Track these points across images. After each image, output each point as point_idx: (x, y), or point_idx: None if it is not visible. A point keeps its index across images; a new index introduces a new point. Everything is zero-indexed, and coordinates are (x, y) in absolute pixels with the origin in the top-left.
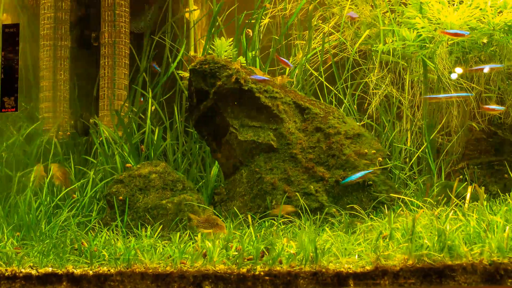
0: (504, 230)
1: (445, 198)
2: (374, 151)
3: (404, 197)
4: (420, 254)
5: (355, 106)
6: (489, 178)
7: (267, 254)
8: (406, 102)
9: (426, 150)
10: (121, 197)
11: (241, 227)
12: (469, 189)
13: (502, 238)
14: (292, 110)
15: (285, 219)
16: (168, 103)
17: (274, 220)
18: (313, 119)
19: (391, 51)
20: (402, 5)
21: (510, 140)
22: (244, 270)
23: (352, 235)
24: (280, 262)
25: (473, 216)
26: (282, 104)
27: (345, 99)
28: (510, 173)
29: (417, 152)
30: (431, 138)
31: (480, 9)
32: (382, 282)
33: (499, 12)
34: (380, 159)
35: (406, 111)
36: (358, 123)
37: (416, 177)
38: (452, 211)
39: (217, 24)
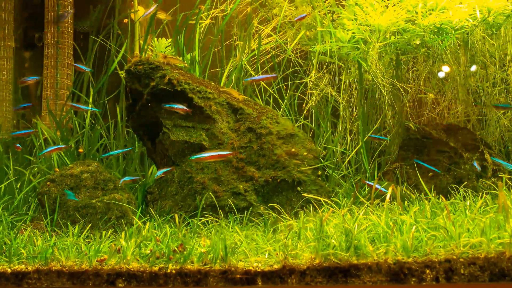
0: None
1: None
2: (305, 151)
3: (318, 197)
4: (327, 253)
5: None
6: (421, 177)
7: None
8: (343, 102)
9: (361, 150)
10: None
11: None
12: (390, 189)
13: (408, 238)
14: (226, 111)
15: (212, 218)
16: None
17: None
18: (245, 119)
19: (328, 52)
20: (340, 7)
21: (444, 141)
22: (156, 268)
23: (265, 234)
24: (192, 262)
25: (382, 216)
26: (215, 104)
27: (284, 100)
28: (441, 172)
29: (354, 152)
30: (365, 138)
31: (408, 10)
32: (290, 281)
33: (429, 14)
34: (310, 156)
35: (343, 112)
36: (292, 124)
37: (351, 176)
38: (368, 210)
39: (161, 25)
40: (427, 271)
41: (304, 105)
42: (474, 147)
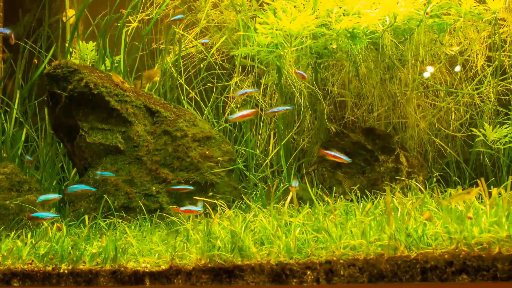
0: (303, 232)
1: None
2: (221, 154)
3: (211, 200)
4: (212, 254)
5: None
6: (337, 180)
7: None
8: (266, 106)
9: (281, 153)
10: None
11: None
12: (292, 190)
13: (291, 240)
14: (143, 113)
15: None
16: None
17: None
18: (162, 122)
19: (249, 55)
20: (263, 11)
21: (362, 143)
22: (49, 268)
23: (166, 236)
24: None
25: (270, 218)
26: (132, 107)
27: (208, 103)
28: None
29: (273, 153)
30: (284, 141)
31: (316, 17)
32: (176, 281)
33: (340, 20)
34: (226, 158)
35: (265, 115)
36: (210, 126)
37: (269, 178)
38: (263, 212)
39: (90, 28)
40: (308, 272)
41: (227, 107)
42: (390, 150)
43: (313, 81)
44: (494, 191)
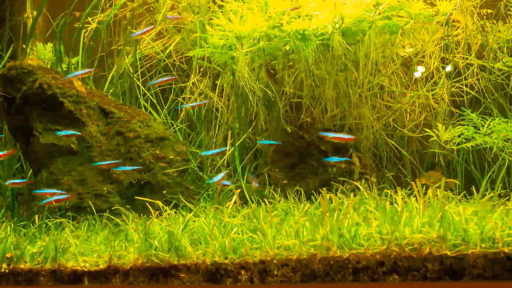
0: (240, 232)
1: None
2: (175, 154)
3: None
4: (150, 254)
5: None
6: (289, 180)
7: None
8: (223, 106)
9: (235, 153)
10: None
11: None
12: (236, 192)
13: (227, 240)
14: (97, 114)
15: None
16: None
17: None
18: (115, 123)
19: (205, 56)
20: (220, 12)
21: (316, 144)
22: None
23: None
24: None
25: (209, 218)
26: (86, 108)
27: (166, 104)
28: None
29: (228, 154)
30: (239, 141)
31: (269, 17)
32: (114, 280)
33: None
34: (179, 159)
35: (223, 116)
36: (164, 127)
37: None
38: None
39: (50, 28)
40: (243, 272)
41: (183, 109)
42: (344, 151)
43: (268, 82)
44: (429, 192)
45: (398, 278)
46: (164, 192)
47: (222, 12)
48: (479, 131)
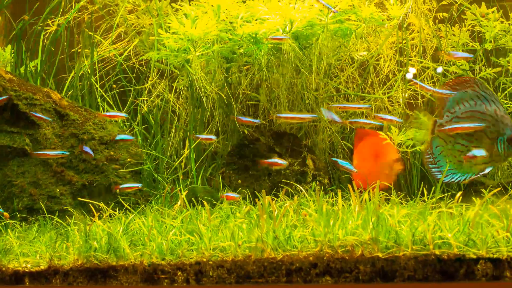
0: (179, 234)
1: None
2: (129, 156)
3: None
4: (89, 255)
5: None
6: (243, 182)
7: None
8: (180, 109)
9: (191, 155)
10: None
11: None
12: (183, 194)
13: (165, 241)
14: (52, 117)
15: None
16: None
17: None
18: (70, 125)
19: (163, 59)
20: (172, 15)
21: (271, 146)
22: None
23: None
24: None
25: (148, 219)
26: (41, 110)
27: (125, 106)
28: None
29: (183, 156)
30: (195, 144)
31: (222, 20)
32: (54, 281)
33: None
34: (133, 161)
35: (176, 118)
36: (120, 129)
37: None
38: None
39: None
40: (179, 273)
41: (141, 111)
42: (298, 153)
43: (223, 85)
44: (365, 194)
45: (331, 280)
46: (117, 193)
47: (177, 16)
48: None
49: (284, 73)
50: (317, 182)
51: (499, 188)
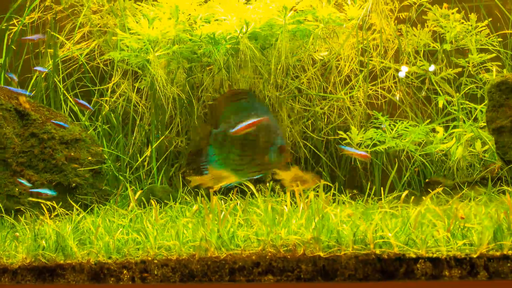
0: (122, 232)
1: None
2: (89, 156)
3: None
4: (37, 253)
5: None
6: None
7: None
8: (144, 108)
9: (153, 155)
10: None
11: None
12: (139, 192)
13: (112, 240)
14: (13, 116)
15: None
16: None
17: None
18: (30, 124)
19: (126, 59)
20: (130, 16)
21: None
22: None
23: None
24: None
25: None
26: (1, 110)
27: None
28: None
29: (144, 156)
30: (157, 143)
31: (182, 21)
32: (3, 279)
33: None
34: (93, 160)
35: (138, 118)
36: (81, 129)
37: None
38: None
39: None
40: (125, 271)
41: (104, 111)
42: None
43: (185, 85)
44: (311, 194)
45: (273, 279)
46: (77, 193)
47: (136, 17)
48: (389, 135)
49: (244, 74)
50: (277, 182)
51: (441, 188)
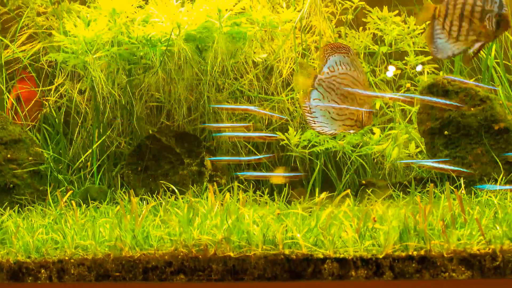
0: (43, 232)
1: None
2: (27, 156)
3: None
4: None
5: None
6: (139, 182)
7: None
8: (87, 110)
9: (93, 155)
10: None
11: None
12: (69, 193)
13: (31, 240)
14: None
15: None
16: None
17: None
18: None
19: (71, 62)
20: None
21: (171, 147)
22: None
23: None
24: None
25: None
26: None
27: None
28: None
29: (83, 157)
30: (98, 143)
31: (119, 23)
32: None
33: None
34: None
35: (87, 119)
36: (21, 130)
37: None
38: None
39: None
40: (42, 270)
41: (43, 112)
42: (197, 154)
43: (126, 86)
44: (227, 195)
45: (185, 278)
46: (14, 193)
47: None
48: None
49: (182, 76)
50: (214, 183)
51: (349, 190)
